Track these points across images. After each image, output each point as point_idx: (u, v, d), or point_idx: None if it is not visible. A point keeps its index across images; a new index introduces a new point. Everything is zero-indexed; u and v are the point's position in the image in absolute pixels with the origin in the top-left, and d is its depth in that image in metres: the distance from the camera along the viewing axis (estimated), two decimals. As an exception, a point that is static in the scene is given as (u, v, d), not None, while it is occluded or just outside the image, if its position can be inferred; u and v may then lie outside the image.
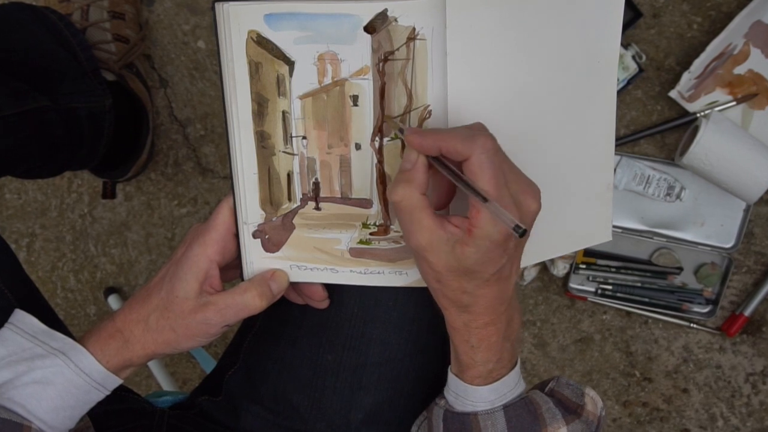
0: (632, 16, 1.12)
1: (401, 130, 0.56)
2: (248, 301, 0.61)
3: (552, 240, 0.64)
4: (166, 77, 1.22)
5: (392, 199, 0.52)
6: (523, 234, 0.48)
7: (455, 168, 0.51)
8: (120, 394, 0.75)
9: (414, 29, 0.54)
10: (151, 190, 1.29)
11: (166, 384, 1.29)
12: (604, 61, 0.62)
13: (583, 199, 0.64)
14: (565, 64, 0.60)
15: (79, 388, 0.59)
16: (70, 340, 0.59)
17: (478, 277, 0.52)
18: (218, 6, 0.55)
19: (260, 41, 0.56)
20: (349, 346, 0.69)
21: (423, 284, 0.61)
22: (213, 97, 1.22)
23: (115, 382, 0.61)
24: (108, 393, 0.61)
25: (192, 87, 1.23)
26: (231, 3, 0.55)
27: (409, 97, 0.57)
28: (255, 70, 0.57)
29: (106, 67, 1.06)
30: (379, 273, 0.62)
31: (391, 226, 0.61)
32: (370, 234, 0.61)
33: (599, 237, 0.67)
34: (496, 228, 0.49)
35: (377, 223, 0.61)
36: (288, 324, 0.72)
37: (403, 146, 0.58)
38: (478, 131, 0.51)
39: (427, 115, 0.57)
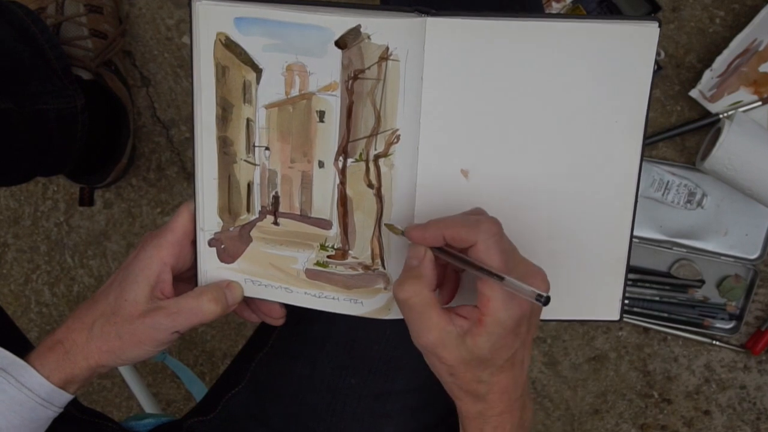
0: (650, 9, 1.11)
1: (402, 233, 0.58)
2: (203, 305, 0.60)
3: (553, 303, 0.63)
4: (149, 75, 1.22)
5: (400, 297, 0.54)
6: (547, 301, 0.51)
7: (461, 254, 0.53)
8: (92, 420, 0.74)
9: (387, 49, 0.56)
10: (132, 196, 1.28)
11: (147, 405, 1.28)
12: (626, 120, 0.59)
13: (586, 270, 0.63)
14: (571, 118, 0.58)
15: (23, 405, 0.59)
16: (10, 355, 0.59)
17: (492, 364, 0.54)
18: (193, 3, 0.56)
19: (228, 44, 0.57)
20: (375, 370, 0.70)
21: (380, 316, 0.63)
22: (198, 97, 1.21)
23: (63, 397, 0.61)
24: (59, 410, 0.61)
25: (176, 86, 1.22)
26: (202, 1, 0.56)
27: (378, 119, 0.58)
28: (221, 73, 0.58)
29: (82, 65, 1.06)
30: (334, 299, 0.64)
31: (350, 251, 0.62)
32: (328, 257, 0.63)
33: (605, 314, 0.65)
34: (507, 313, 0.52)
35: (335, 247, 0.62)
36: (308, 344, 0.72)
37: (368, 171, 0.59)
38: (481, 215, 0.55)
39: (395, 140, 0.58)
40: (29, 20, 0.93)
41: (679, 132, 1.16)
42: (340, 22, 0.55)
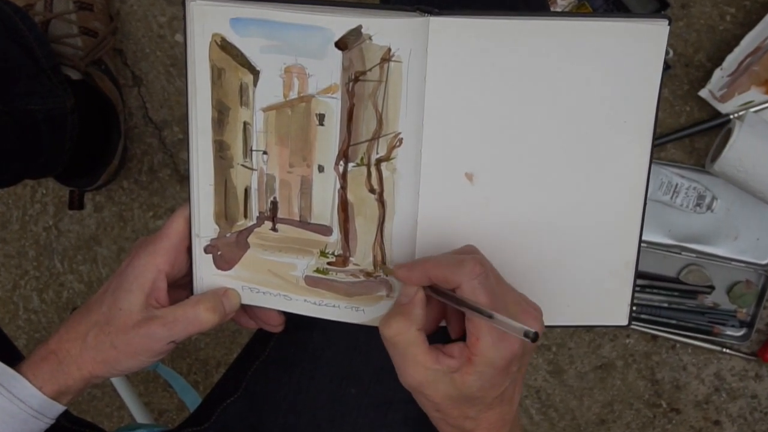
0: (658, 6, 1.11)
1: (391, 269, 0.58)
2: (200, 314, 0.60)
3: (559, 308, 0.63)
4: (140, 74, 1.21)
5: (384, 334, 0.54)
6: (535, 338, 0.50)
7: (451, 292, 0.53)
8: (83, 431, 0.74)
9: (389, 50, 0.55)
10: (123, 199, 1.27)
11: (139, 415, 1.28)
12: (635, 121, 0.59)
13: (593, 275, 0.63)
14: (579, 118, 0.58)
15: (15, 416, 0.58)
16: (1, 365, 0.59)
17: (480, 402, 0.55)
18: (187, 3, 0.56)
19: (224, 46, 0.57)
20: (376, 379, 0.69)
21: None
22: (192, 97, 1.21)
23: (55, 408, 0.61)
24: (51, 422, 0.61)
25: (169, 85, 1.21)
26: (197, 2, 0.56)
27: (379, 122, 0.58)
28: (217, 75, 0.58)
29: (71, 65, 1.05)
30: (334, 306, 0.63)
31: (351, 258, 0.62)
32: (328, 263, 0.62)
33: (613, 319, 0.65)
34: (498, 353, 0.52)
35: (336, 253, 0.62)
36: (307, 352, 0.72)
37: (369, 176, 0.59)
38: (466, 256, 0.54)
39: (398, 143, 0.58)
40: (17, 17, 0.92)
41: (688, 133, 1.16)
42: (340, 22, 0.54)
